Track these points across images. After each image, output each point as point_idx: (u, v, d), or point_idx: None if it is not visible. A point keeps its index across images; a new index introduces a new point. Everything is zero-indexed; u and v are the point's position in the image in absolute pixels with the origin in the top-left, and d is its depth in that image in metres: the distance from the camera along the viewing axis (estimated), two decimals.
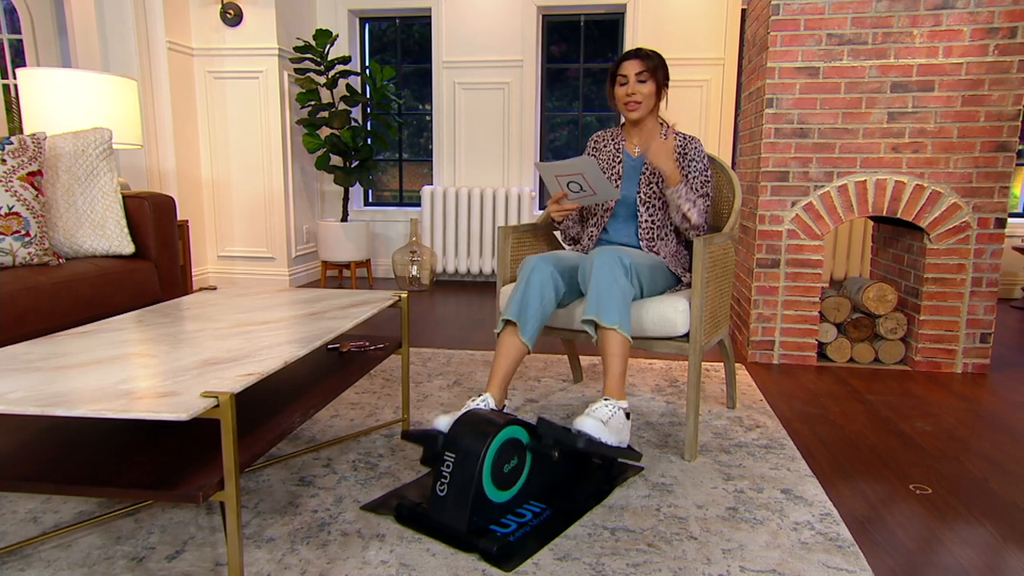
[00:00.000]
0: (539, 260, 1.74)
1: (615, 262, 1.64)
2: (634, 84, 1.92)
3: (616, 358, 1.61)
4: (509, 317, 1.70)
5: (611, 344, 1.62)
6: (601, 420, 1.49)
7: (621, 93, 1.94)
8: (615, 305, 1.61)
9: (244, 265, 4.38)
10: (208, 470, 1.06)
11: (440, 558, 1.27)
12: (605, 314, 1.61)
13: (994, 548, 1.36)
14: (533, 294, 1.70)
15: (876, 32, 2.54)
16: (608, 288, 1.62)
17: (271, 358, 1.21)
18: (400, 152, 4.92)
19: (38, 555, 1.26)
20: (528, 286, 1.71)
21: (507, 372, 1.69)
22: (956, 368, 2.64)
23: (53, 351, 1.27)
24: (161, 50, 3.78)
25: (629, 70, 1.92)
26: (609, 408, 1.54)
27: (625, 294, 1.63)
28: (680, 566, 1.26)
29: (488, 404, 1.62)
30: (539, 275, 1.71)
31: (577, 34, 4.58)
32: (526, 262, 1.76)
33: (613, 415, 1.53)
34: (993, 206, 2.54)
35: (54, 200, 2.21)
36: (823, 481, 1.65)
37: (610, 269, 1.63)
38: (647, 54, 1.93)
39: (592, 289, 1.64)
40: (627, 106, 1.94)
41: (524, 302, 1.70)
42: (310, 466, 1.67)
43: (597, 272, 1.64)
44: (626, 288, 1.64)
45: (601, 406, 1.54)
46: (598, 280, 1.63)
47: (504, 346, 1.71)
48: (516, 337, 1.70)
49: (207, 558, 1.25)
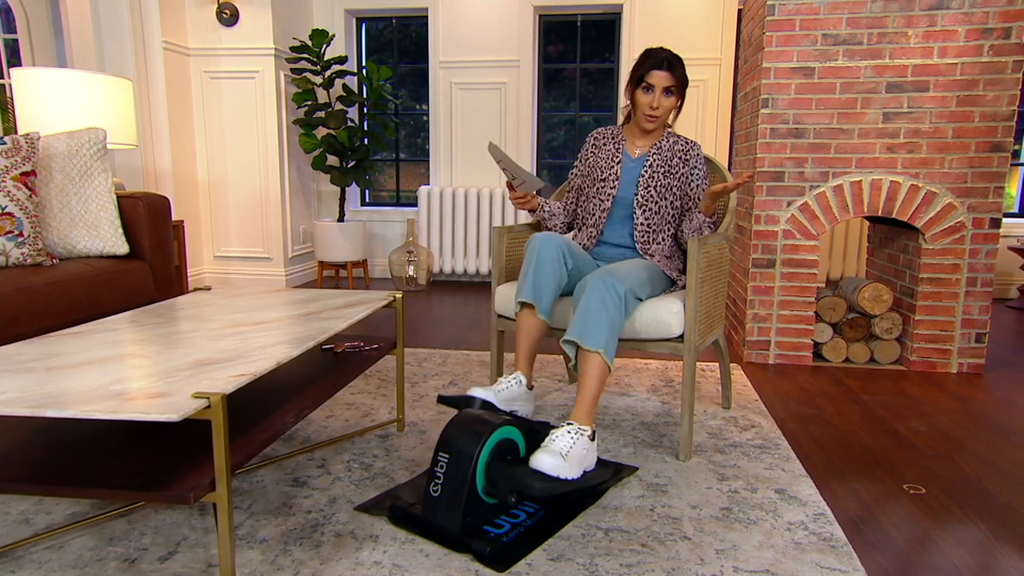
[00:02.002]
0: (546, 236, 1.76)
1: (610, 291, 1.59)
2: (660, 97, 1.88)
3: (593, 380, 1.55)
4: (524, 299, 1.73)
5: (591, 366, 1.56)
6: (560, 454, 1.39)
7: (645, 101, 1.89)
8: (601, 331, 1.56)
9: (241, 265, 4.37)
10: (200, 471, 1.05)
11: (433, 559, 1.27)
12: (589, 338, 1.56)
13: (987, 548, 1.36)
14: (545, 269, 1.73)
15: (871, 32, 2.54)
16: (596, 314, 1.57)
17: (264, 359, 1.21)
18: (397, 152, 4.91)
19: (29, 556, 1.25)
20: (540, 262, 1.73)
21: (531, 350, 1.76)
22: (951, 368, 2.65)
23: (46, 352, 1.27)
24: (157, 50, 3.78)
25: (658, 81, 1.87)
26: (571, 436, 1.45)
27: (614, 323, 1.58)
28: (673, 566, 1.26)
29: (520, 381, 1.71)
30: (548, 252, 1.74)
31: (574, 34, 4.58)
32: (532, 240, 1.77)
33: (574, 444, 1.44)
34: (988, 206, 2.55)
35: (48, 200, 2.20)
36: (817, 481, 1.65)
37: (602, 297, 1.58)
38: (678, 65, 1.87)
39: (580, 311, 1.60)
40: (647, 117, 1.91)
41: (537, 279, 1.73)
42: (304, 467, 1.67)
43: (588, 296, 1.60)
44: (615, 317, 1.58)
45: (562, 434, 1.45)
46: (588, 304, 1.59)
47: (524, 326, 1.75)
48: (534, 316, 1.74)
49: (199, 559, 1.25)
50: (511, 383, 1.69)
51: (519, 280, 1.78)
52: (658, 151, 1.97)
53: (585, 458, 1.47)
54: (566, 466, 1.37)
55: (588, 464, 1.49)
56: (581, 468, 1.44)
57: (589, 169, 2.07)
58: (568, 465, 1.38)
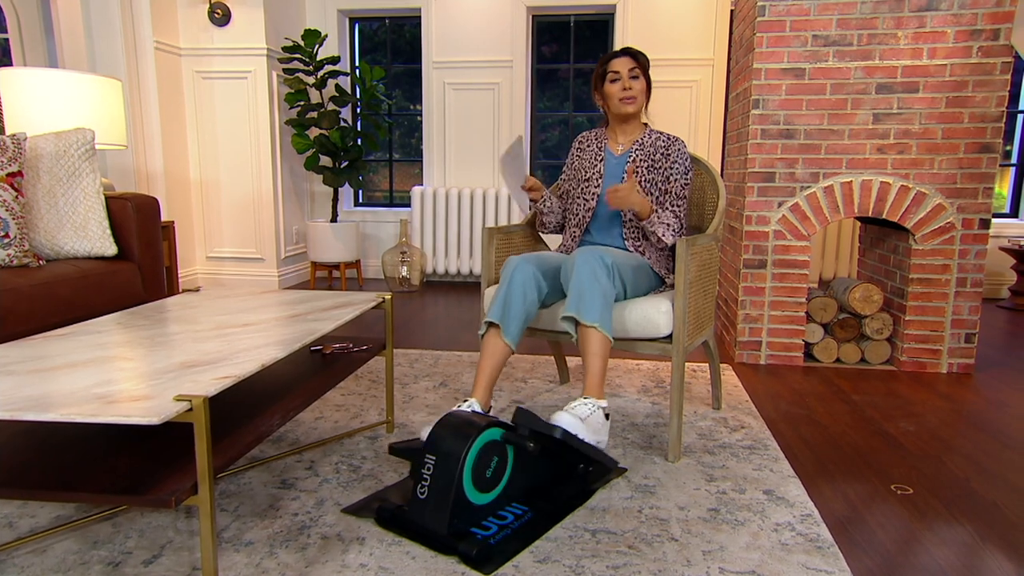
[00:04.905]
0: (521, 260, 1.74)
1: (597, 261, 1.63)
2: (628, 79, 1.93)
3: (596, 357, 1.60)
4: (492, 319, 1.70)
5: (591, 343, 1.61)
6: (580, 417, 1.49)
7: (615, 89, 1.94)
8: (596, 303, 1.60)
9: (233, 266, 4.36)
10: (182, 474, 1.05)
11: (420, 561, 1.26)
12: (585, 312, 1.60)
13: (972, 548, 1.36)
14: (515, 295, 1.70)
15: (861, 33, 2.55)
16: (590, 286, 1.61)
17: (249, 361, 1.20)
18: (391, 152, 4.90)
19: (12, 561, 1.25)
20: (511, 287, 1.71)
21: (492, 375, 1.69)
22: (941, 368, 2.66)
23: (30, 354, 1.26)
24: (148, 50, 3.76)
25: (621, 66, 1.93)
26: (588, 406, 1.54)
27: (606, 293, 1.62)
28: (660, 568, 1.26)
29: (473, 408, 1.62)
30: (521, 275, 1.71)
31: (567, 34, 4.59)
32: (508, 263, 1.76)
33: (592, 413, 1.53)
34: (977, 207, 2.56)
35: (35, 201, 2.19)
36: (805, 482, 1.66)
37: (591, 268, 1.62)
38: (637, 52, 1.95)
39: (573, 287, 1.64)
40: (623, 101, 1.94)
41: (507, 303, 1.70)
42: (292, 468, 1.66)
43: (578, 270, 1.63)
44: (607, 288, 1.63)
45: (580, 403, 1.54)
46: (579, 278, 1.63)
47: (488, 348, 1.71)
48: (499, 339, 1.70)
49: (184, 563, 1.24)
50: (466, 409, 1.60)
51: (491, 300, 1.75)
52: (640, 147, 1.98)
53: (600, 431, 1.53)
54: (584, 428, 1.47)
55: (601, 440, 1.55)
56: (596, 438, 1.51)
57: (574, 171, 2.08)
58: (586, 428, 1.47)
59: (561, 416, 1.47)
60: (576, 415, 1.50)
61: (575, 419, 1.47)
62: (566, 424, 1.45)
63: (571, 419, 1.47)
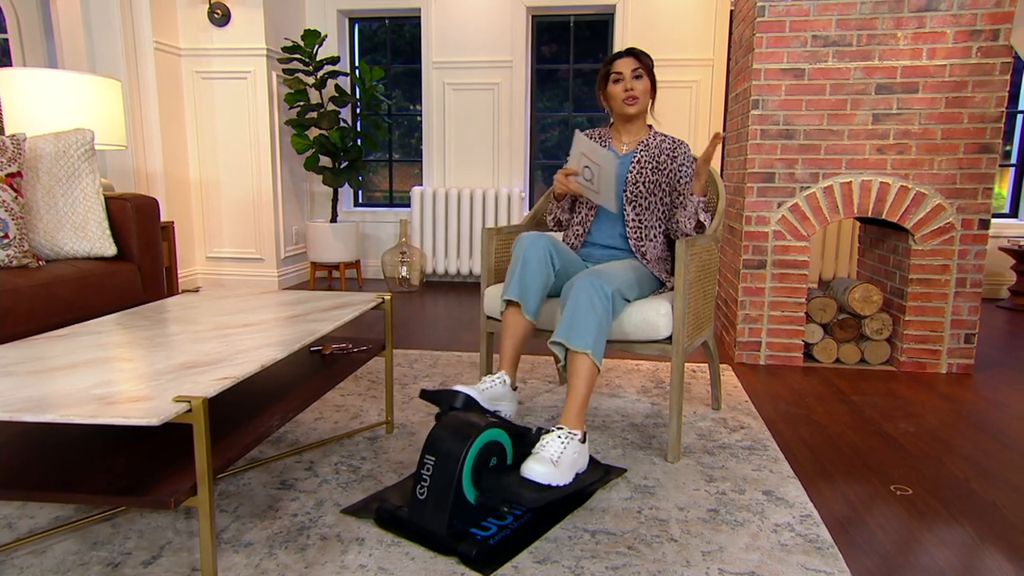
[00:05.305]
0: (534, 235, 1.75)
1: (596, 290, 1.58)
2: (631, 80, 1.93)
3: (582, 382, 1.54)
4: (511, 297, 1.72)
5: (580, 367, 1.55)
6: (551, 460, 1.39)
7: (618, 90, 1.95)
8: (589, 332, 1.55)
9: (233, 266, 4.36)
10: (181, 475, 1.05)
11: (419, 562, 1.26)
12: (577, 338, 1.55)
13: (972, 549, 1.36)
14: (531, 270, 1.71)
15: (861, 34, 2.55)
16: (584, 315, 1.56)
17: (248, 362, 1.20)
18: (390, 152, 4.90)
19: (11, 562, 1.25)
20: (526, 263, 1.72)
21: (516, 350, 1.73)
22: (941, 368, 2.66)
23: (29, 355, 1.26)
24: (148, 50, 3.76)
25: (624, 67, 1.93)
26: (561, 441, 1.45)
27: (601, 322, 1.57)
28: (659, 569, 1.26)
29: (504, 380, 1.68)
30: (536, 251, 1.72)
31: (567, 35, 4.59)
32: (520, 239, 1.76)
33: (564, 449, 1.44)
34: (977, 207, 2.56)
35: (34, 202, 2.19)
36: (805, 482, 1.66)
37: (589, 296, 1.58)
38: (640, 53, 1.95)
39: (567, 312, 1.59)
40: (626, 101, 1.94)
41: (524, 280, 1.71)
42: (292, 469, 1.66)
43: (575, 296, 1.59)
44: (604, 318, 1.58)
45: (552, 440, 1.45)
46: (575, 304, 1.58)
47: (510, 326, 1.73)
48: (520, 316, 1.72)
49: (184, 563, 1.24)
50: (495, 382, 1.67)
51: (506, 279, 1.77)
52: (645, 148, 1.98)
53: (577, 461, 1.46)
54: (557, 472, 1.38)
55: (580, 466, 1.48)
56: (573, 471, 1.44)
57: None
58: (559, 471, 1.39)
59: (531, 468, 1.37)
60: (547, 458, 1.39)
61: (546, 466, 1.37)
62: (538, 477, 1.35)
63: (541, 469, 1.36)
